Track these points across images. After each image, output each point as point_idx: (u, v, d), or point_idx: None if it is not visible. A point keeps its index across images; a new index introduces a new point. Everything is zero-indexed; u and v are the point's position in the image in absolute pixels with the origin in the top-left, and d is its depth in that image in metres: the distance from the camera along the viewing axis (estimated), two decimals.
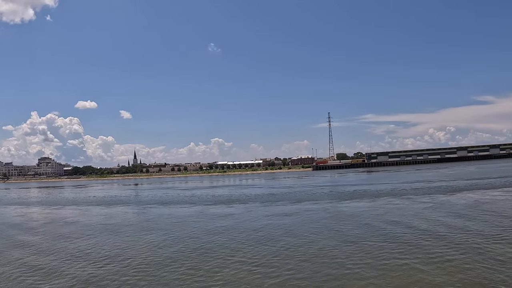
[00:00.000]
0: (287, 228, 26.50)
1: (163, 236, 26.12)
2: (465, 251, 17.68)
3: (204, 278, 15.99)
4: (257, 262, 17.98)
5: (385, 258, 17.33)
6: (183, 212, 41.01)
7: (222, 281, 15.49)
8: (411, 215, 29.14)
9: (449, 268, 15.54)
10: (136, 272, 17.23)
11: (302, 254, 19.10)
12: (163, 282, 15.78)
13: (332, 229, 25.40)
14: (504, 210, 29.10)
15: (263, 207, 41.47)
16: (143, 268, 17.97)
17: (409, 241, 20.56)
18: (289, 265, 17.13)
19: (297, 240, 22.32)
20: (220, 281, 15.44)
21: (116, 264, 18.82)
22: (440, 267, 15.72)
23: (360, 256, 17.98)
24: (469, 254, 17.26)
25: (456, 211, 29.97)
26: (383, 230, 23.96)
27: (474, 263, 15.95)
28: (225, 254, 19.81)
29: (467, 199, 37.62)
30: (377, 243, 20.25)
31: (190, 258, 19.37)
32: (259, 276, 15.91)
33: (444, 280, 14.23)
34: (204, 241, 23.74)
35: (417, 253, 17.88)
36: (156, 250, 21.74)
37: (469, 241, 19.57)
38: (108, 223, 34.86)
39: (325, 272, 15.93)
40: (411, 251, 18.40)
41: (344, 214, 32.01)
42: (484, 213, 28.14)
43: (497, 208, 30.27)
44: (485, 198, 37.73)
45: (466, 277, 14.40)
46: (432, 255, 17.39)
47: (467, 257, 16.85)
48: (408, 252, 18.24)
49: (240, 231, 26.37)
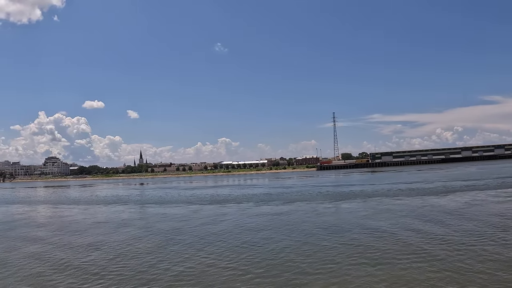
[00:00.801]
0: (267, 228, 27.14)
1: (142, 233, 26.96)
2: (409, 255, 17.90)
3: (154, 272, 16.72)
4: (210, 260, 18.73)
5: (333, 260, 17.67)
6: (177, 211, 41.82)
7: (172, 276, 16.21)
8: (395, 217, 29.50)
9: (393, 271, 16.09)
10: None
11: (258, 253, 19.72)
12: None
13: (306, 230, 25.95)
14: (486, 213, 29.22)
15: (256, 207, 42.10)
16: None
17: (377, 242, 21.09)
18: (239, 263, 17.87)
19: (266, 240, 23.01)
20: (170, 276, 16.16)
21: (89, 255, 19.63)
22: (384, 270, 16.28)
23: (314, 258, 18.43)
24: (415, 257, 17.63)
25: (440, 213, 30.21)
26: (358, 232, 24.27)
27: (417, 267, 16.46)
28: (185, 252, 20.60)
29: (457, 201, 37.69)
30: (338, 245, 20.57)
31: (149, 254, 20.13)
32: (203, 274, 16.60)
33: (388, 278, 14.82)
34: (169, 238, 24.86)
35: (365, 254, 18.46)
36: (128, 244, 22.51)
37: (421, 245, 19.80)
38: (102, 222, 35.75)
39: (276, 273, 16.42)
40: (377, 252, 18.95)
41: (329, 215, 32.47)
42: (466, 216, 28.49)
43: (479, 211, 30.30)
44: (475, 200, 37.81)
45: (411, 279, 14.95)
46: (383, 257, 17.90)
47: (411, 260, 17.37)
48: (362, 254, 18.79)
49: (218, 231, 27.05)
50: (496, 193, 42.96)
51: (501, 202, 35.08)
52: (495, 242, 19.53)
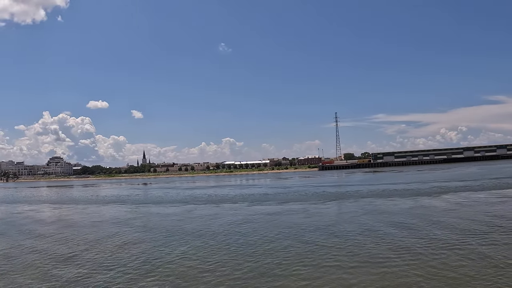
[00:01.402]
0: (253, 228, 27.54)
1: (129, 231, 27.42)
2: (391, 255, 18.17)
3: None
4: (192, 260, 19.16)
5: (311, 261, 18.01)
6: (170, 211, 42.34)
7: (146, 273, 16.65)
8: (383, 218, 29.80)
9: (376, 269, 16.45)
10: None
11: (236, 254, 20.12)
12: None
13: (292, 230, 26.30)
14: (473, 213, 29.42)
15: (249, 207, 42.53)
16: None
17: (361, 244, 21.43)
18: (220, 262, 18.33)
19: (249, 240, 23.49)
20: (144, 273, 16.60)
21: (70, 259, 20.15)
22: (365, 268, 16.63)
23: (294, 259, 18.79)
24: (398, 257, 17.95)
25: (429, 214, 30.39)
26: (342, 232, 24.62)
27: (405, 269, 16.80)
28: (162, 251, 21.05)
29: (449, 201, 37.84)
30: (319, 246, 20.89)
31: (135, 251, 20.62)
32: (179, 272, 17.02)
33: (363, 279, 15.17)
34: (155, 236, 25.38)
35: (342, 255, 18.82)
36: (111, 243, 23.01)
37: (398, 246, 20.09)
38: (95, 220, 36.36)
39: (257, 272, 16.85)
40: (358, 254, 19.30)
41: (317, 215, 32.76)
42: (451, 218, 28.77)
43: (468, 212, 30.53)
44: (467, 200, 37.97)
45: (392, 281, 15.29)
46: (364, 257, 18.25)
47: (391, 260, 17.70)
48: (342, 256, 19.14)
49: (203, 231, 27.50)
50: (489, 194, 43.06)
51: (491, 203, 35.18)
52: (478, 241, 19.86)
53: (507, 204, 33.78)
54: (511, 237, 20.64)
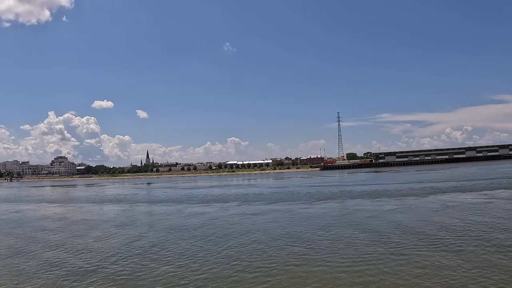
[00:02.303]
0: (233, 228, 28.15)
1: (115, 230, 28.13)
2: (359, 259, 18.37)
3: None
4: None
5: (279, 262, 18.42)
6: (162, 210, 43.19)
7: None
8: (362, 218, 30.24)
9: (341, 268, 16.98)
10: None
11: (210, 253, 20.73)
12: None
13: (271, 230, 26.89)
14: (453, 214, 29.72)
15: (238, 206, 43.20)
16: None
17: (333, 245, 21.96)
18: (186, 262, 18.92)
19: (227, 239, 24.06)
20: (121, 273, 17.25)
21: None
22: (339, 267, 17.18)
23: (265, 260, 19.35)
24: (367, 261, 18.48)
25: (412, 214, 30.88)
26: (317, 233, 25.15)
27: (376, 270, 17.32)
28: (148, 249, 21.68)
29: (435, 202, 37.86)
30: (285, 247, 21.24)
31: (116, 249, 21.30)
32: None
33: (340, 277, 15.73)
34: (139, 235, 25.93)
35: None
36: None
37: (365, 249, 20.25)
38: (86, 218, 37.17)
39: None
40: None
41: (300, 215, 33.23)
42: (433, 217, 29.21)
43: (449, 212, 30.87)
44: (453, 201, 38.01)
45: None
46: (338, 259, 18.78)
47: (363, 262, 18.21)
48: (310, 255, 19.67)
49: (185, 229, 28.15)
50: (478, 194, 43.03)
51: (475, 204, 35.06)
52: (430, 247, 20.29)
53: (487, 205, 33.60)
54: (467, 242, 20.07)
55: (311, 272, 16.20)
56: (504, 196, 40.59)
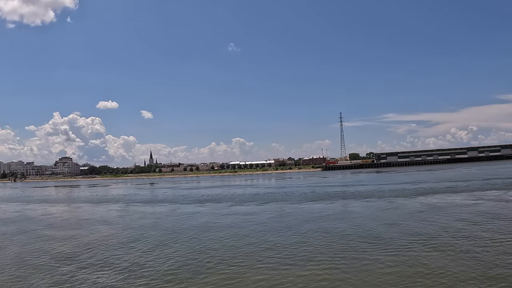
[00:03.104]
0: (220, 228, 28.91)
1: (105, 228, 28.98)
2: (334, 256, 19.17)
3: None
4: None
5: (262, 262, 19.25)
6: (155, 210, 44.17)
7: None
8: (349, 218, 30.87)
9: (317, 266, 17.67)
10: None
11: (191, 253, 21.46)
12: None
13: (257, 230, 27.59)
14: (437, 215, 30.03)
15: (230, 207, 43.96)
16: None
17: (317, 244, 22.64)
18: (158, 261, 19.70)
19: (211, 239, 24.80)
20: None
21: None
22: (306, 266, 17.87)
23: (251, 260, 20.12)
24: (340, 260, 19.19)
25: (397, 215, 31.23)
26: (302, 233, 25.73)
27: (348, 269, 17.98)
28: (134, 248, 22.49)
29: (423, 203, 38.01)
30: (274, 247, 21.81)
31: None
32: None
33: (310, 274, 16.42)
34: (128, 234, 26.83)
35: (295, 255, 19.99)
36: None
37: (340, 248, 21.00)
38: (81, 218, 38.15)
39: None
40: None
41: (287, 215, 33.92)
42: (417, 218, 29.76)
43: (434, 213, 31.14)
44: (442, 202, 38.12)
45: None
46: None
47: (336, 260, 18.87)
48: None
49: (174, 229, 28.95)
50: (468, 195, 43.01)
51: (461, 205, 35.02)
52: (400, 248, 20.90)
53: (471, 207, 33.21)
54: (419, 246, 19.93)
55: (271, 274, 16.92)
56: (493, 197, 40.58)
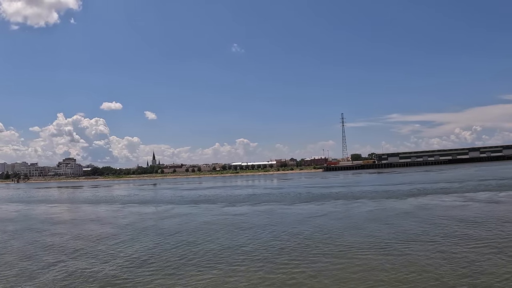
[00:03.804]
0: (208, 228, 29.71)
1: (94, 228, 29.83)
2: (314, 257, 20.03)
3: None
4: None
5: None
6: (149, 210, 45.28)
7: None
8: (333, 219, 31.41)
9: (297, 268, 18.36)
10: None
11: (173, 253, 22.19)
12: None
13: (242, 231, 28.30)
14: (423, 216, 30.63)
15: (222, 207, 44.75)
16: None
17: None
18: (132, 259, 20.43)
19: (197, 240, 25.56)
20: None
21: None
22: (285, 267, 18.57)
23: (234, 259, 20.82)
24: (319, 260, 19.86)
25: (382, 216, 31.72)
26: (285, 234, 26.56)
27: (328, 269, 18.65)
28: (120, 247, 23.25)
29: (412, 204, 38.34)
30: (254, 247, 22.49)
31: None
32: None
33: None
34: (117, 232, 27.63)
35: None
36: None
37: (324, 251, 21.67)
38: (75, 218, 39.06)
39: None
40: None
41: (276, 216, 34.56)
42: (401, 219, 30.35)
43: (420, 214, 31.77)
44: (430, 203, 38.42)
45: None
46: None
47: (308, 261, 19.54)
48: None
49: (161, 229, 29.76)
50: (458, 197, 43.10)
51: (448, 207, 35.16)
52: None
53: (459, 209, 33.32)
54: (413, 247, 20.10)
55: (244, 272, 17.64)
56: (482, 198, 40.63)
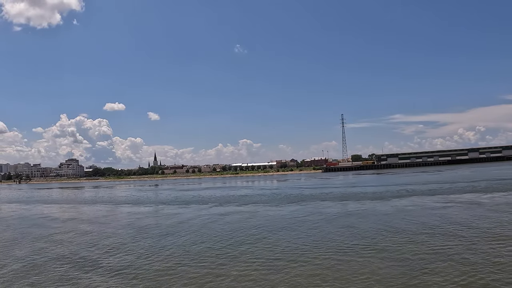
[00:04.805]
0: (188, 228, 30.84)
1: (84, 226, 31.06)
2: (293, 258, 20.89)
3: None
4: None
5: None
6: (140, 210, 46.47)
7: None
8: (312, 220, 32.38)
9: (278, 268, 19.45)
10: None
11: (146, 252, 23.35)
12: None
13: (222, 231, 29.43)
14: (399, 217, 31.43)
15: (212, 207, 45.92)
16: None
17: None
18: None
19: (173, 240, 26.63)
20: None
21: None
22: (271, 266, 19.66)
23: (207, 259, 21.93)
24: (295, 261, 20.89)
25: (361, 217, 32.81)
26: (262, 234, 27.64)
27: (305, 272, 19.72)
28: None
29: (393, 206, 38.75)
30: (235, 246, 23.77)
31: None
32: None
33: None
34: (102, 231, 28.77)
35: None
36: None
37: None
38: (67, 218, 40.32)
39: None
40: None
41: (254, 218, 35.25)
42: (378, 220, 31.31)
43: (398, 216, 32.35)
44: (411, 205, 38.79)
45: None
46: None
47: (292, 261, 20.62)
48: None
49: (145, 228, 30.92)
50: (441, 198, 43.42)
51: (430, 208, 35.58)
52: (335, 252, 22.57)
53: (435, 212, 33.32)
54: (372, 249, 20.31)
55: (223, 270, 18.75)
56: (465, 200, 40.57)
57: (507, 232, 22.79)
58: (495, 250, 18.74)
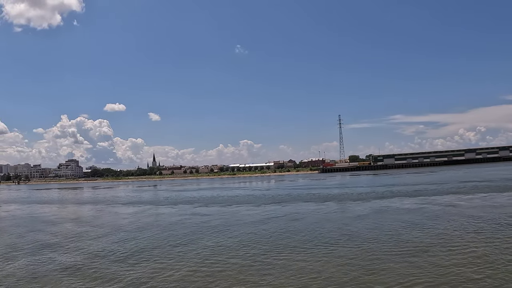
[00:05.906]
0: (170, 227, 32.04)
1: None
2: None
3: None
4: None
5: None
6: (129, 211, 47.72)
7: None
8: (287, 221, 33.61)
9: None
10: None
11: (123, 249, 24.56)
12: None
13: (201, 230, 30.63)
14: (372, 219, 32.54)
15: (195, 208, 47.15)
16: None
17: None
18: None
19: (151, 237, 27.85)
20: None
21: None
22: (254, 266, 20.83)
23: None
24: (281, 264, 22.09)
25: (338, 219, 33.61)
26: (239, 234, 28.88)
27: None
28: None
29: (371, 207, 39.11)
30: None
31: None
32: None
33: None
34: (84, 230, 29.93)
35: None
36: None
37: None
38: (61, 217, 41.53)
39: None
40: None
41: (233, 217, 36.46)
42: (351, 221, 32.44)
43: (373, 217, 33.25)
44: (382, 207, 38.94)
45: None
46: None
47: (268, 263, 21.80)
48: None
49: (125, 227, 32.11)
50: (420, 200, 43.58)
51: (406, 210, 35.77)
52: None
53: (408, 213, 33.30)
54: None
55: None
56: (443, 202, 40.79)
57: (456, 238, 21.99)
58: (443, 254, 18.50)
